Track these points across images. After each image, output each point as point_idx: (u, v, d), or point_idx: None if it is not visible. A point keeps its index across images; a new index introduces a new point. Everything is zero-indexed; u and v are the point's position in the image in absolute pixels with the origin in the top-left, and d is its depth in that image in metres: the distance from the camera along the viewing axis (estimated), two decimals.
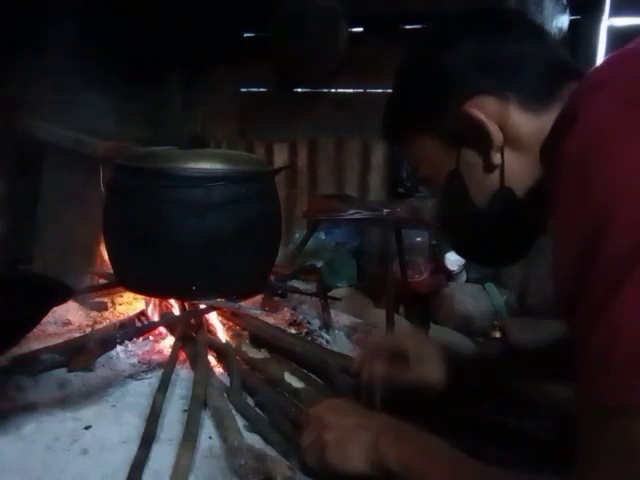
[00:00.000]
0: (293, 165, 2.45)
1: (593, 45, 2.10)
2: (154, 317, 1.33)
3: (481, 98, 0.63)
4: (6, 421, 0.87)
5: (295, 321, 1.39)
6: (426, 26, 0.73)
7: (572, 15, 1.99)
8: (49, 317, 1.20)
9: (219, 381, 1.04)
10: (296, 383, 1.03)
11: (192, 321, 1.26)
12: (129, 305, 1.46)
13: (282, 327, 1.34)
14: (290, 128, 2.49)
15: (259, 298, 1.46)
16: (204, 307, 1.27)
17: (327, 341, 1.33)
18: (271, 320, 1.37)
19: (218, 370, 1.12)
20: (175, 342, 1.18)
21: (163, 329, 1.27)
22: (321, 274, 1.55)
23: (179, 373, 1.08)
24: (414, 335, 0.98)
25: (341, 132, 2.44)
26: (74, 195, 1.60)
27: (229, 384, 1.03)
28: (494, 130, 0.62)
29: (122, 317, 1.35)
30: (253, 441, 0.85)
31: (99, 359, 1.12)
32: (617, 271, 0.45)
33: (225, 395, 0.98)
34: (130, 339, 1.20)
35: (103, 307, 1.43)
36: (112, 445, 0.84)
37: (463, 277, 1.98)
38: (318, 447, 0.73)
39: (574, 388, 0.50)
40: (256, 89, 2.64)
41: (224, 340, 1.25)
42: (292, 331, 1.33)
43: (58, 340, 1.15)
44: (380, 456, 0.67)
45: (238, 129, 2.63)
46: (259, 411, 0.95)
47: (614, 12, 2.06)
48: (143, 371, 1.09)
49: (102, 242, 1.34)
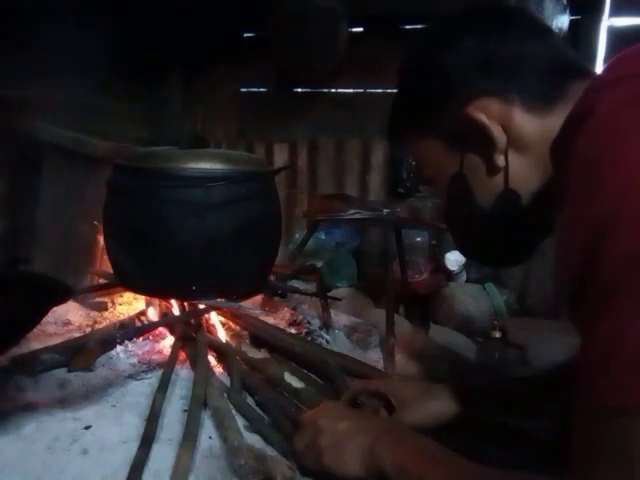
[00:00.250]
0: (293, 165, 2.44)
1: (593, 45, 2.09)
2: (154, 317, 1.33)
3: (483, 100, 0.62)
4: (6, 421, 0.87)
5: (295, 321, 1.39)
6: (427, 26, 0.71)
7: (572, 15, 1.99)
8: (49, 317, 1.20)
9: (219, 381, 1.04)
10: (296, 383, 1.03)
11: (192, 321, 1.26)
12: (129, 305, 1.46)
13: (282, 327, 1.34)
14: (290, 128, 2.49)
15: (259, 298, 1.46)
16: (204, 307, 1.27)
17: (327, 341, 1.33)
18: (271, 320, 1.37)
19: (218, 370, 1.12)
20: (175, 342, 1.18)
21: (163, 329, 1.27)
22: (321, 274, 1.55)
23: (179, 373, 1.08)
24: (396, 381, 0.97)
25: (341, 132, 2.44)
26: (74, 195, 1.60)
27: (229, 384, 1.03)
28: (497, 133, 0.61)
29: (122, 317, 1.35)
30: (253, 441, 0.86)
31: (99, 359, 1.12)
32: (624, 270, 0.45)
33: (225, 395, 0.98)
34: (130, 339, 1.20)
35: (103, 307, 1.43)
36: (112, 445, 0.84)
37: (463, 277, 1.98)
38: (314, 452, 0.73)
39: (574, 387, 0.49)
40: (256, 89, 2.64)
41: (224, 340, 1.25)
42: (292, 331, 1.33)
43: (58, 340, 1.15)
44: (376, 460, 0.67)
45: (238, 129, 2.63)
46: (259, 411, 0.95)
47: (614, 12, 2.05)
48: (143, 371, 1.10)
49: (102, 242, 1.34)
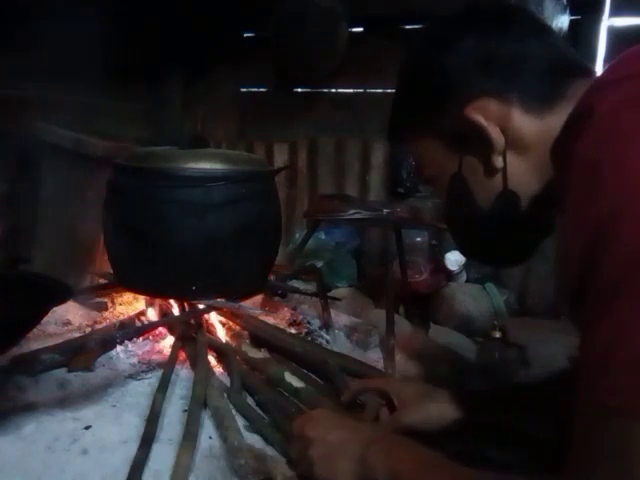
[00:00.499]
0: (293, 165, 2.44)
1: (593, 45, 2.09)
2: (154, 317, 1.33)
3: (482, 101, 0.62)
4: (6, 421, 0.87)
5: (295, 321, 1.39)
6: (427, 25, 0.71)
7: (572, 15, 1.99)
8: (49, 317, 1.19)
9: (219, 381, 1.04)
10: (296, 383, 1.03)
11: (192, 321, 1.26)
12: (129, 305, 1.46)
13: (282, 327, 1.34)
14: (290, 128, 2.49)
15: (259, 298, 1.46)
16: (204, 307, 1.27)
17: (327, 341, 1.33)
18: (271, 320, 1.37)
19: (218, 370, 1.12)
20: (175, 342, 1.18)
21: (163, 329, 1.27)
22: (321, 274, 1.55)
23: (179, 373, 1.08)
24: (398, 381, 0.97)
25: (341, 132, 2.44)
26: (74, 195, 1.60)
27: (229, 384, 1.03)
28: (495, 134, 0.61)
29: (122, 317, 1.35)
30: (253, 441, 0.86)
31: (99, 359, 1.12)
32: (624, 270, 0.44)
33: (225, 395, 0.98)
34: (130, 339, 1.20)
35: (103, 307, 1.43)
36: (112, 445, 0.84)
37: (463, 277, 1.98)
38: (306, 462, 0.72)
39: (574, 387, 0.49)
40: (256, 89, 2.64)
41: (224, 340, 1.25)
42: (292, 331, 1.33)
43: (58, 340, 1.15)
44: (369, 470, 0.67)
45: (238, 129, 2.63)
46: (259, 411, 0.95)
47: (614, 12, 2.05)
48: (143, 371, 1.10)
49: (102, 242, 1.34)
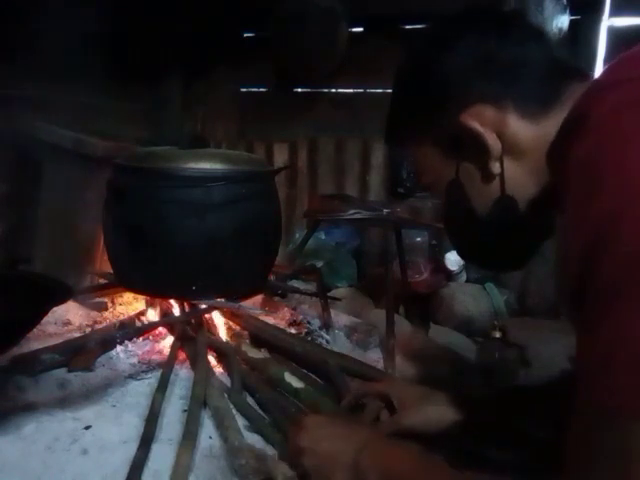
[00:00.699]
0: (293, 165, 2.45)
1: (593, 45, 2.09)
2: (154, 317, 1.33)
3: (478, 107, 0.62)
4: (6, 421, 0.87)
5: (295, 321, 1.39)
6: (425, 28, 0.70)
7: (572, 15, 1.99)
8: (49, 317, 1.19)
9: (219, 381, 1.04)
10: (296, 383, 1.03)
11: (192, 321, 1.26)
12: (129, 305, 1.46)
13: (282, 327, 1.34)
14: (290, 128, 2.49)
15: (259, 298, 1.46)
16: (204, 307, 1.27)
17: (327, 341, 1.33)
18: (271, 320, 1.37)
19: (218, 370, 1.12)
20: (174, 342, 1.18)
21: (163, 329, 1.27)
22: (321, 274, 1.55)
23: (179, 373, 1.08)
24: (398, 383, 0.97)
25: (341, 132, 2.44)
26: (74, 195, 1.60)
27: (229, 384, 1.03)
28: (491, 140, 0.61)
29: (122, 317, 1.35)
30: (253, 441, 0.86)
31: (99, 359, 1.12)
32: (625, 271, 0.44)
33: (225, 395, 0.98)
34: (130, 339, 1.20)
35: (103, 307, 1.43)
36: (112, 445, 0.84)
37: (463, 277, 1.98)
38: (302, 471, 0.73)
39: (574, 388, 0.49)
40: (256, 89, 2.64)
41: (224, 340, 1.25)
42: (292, 331, 1.33)
43: (58, 340, 1.15)
44: (362, 474, 0.67)
45: (238, 129, 2.63)
46: (259, 411, 0.95)
47: (614, 12, 2.05)
48: (143, 371, 1.10)
49: (102, 242, 1.34)
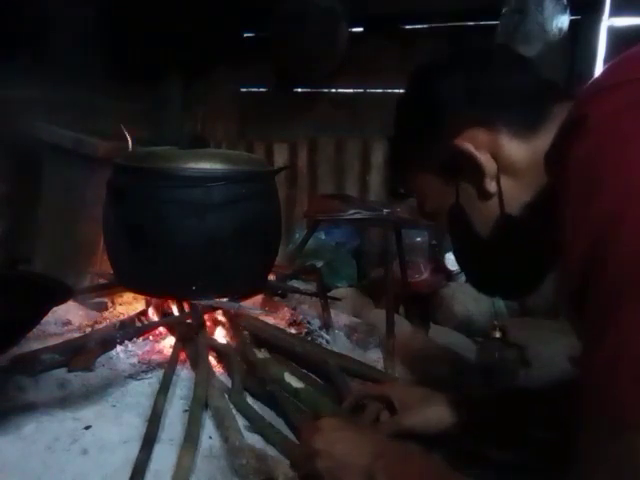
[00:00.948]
0: (293, 165, 2.45)
1: (593, 45, 2.09)
2: (154, 317, 1.33)
3: (472, 131, 0.64)
4: (6, 421, 0.87)
5: (295, 321, 1.39)
6: (417, 67, 0.74)
7: (572, 15, 1.99)
8: (49, 317, 1.19)
9: (220, 381, 1.04)
10: (296, 383, 1.03)
11: (192, 321, 1.26)
12: (129, 305, 1.46)
13: (282, 327, 1.34)
14: (290, 128, 2.49)
15: (259, 298, 1.46)
16: (204, 307, 1.27)
17: (327, 341, 1.33)
18: (271, 320, 1.36)
19: (218, 370, 1.12)
20: (176, 342, 1.18)
21: (163, 329, 1.27)
22: (321, 274, 1.55)
23: (179, 373, 1.08)
24: (399, 385, 0.98)
25: (341, 132, 2.44)
26: (74, 195, 1.60)
27: (229, 384, 1.03)
28: (485, 160, 0.64)
29: (122, 317, 1.35)
30: (254, 441, 0.86)
31: (99, 359, 1.12)
32: (629, 273, 0.44)
33: (226, 395, 0.98)
34: (130, 339, 1.20)
35: (103, 307, 1.43)
36: (112, 445, 0.84)
37: (463, 277, 1.98)
38: (312, 471, 0.73)
39: (578, 396, 0.48)
40: (256, 89, 2.64)
41: (224, 340, 1.24)
42: (292, 331, 1.33)
43: (58, 340, 1.15)
44: None
45: (238, 129, 2.63)
46: (260, 411, 0.95)
47: (614, 12, 2.06)
48: (143, 371, 1.09)
49: (102, 242, 1.34)
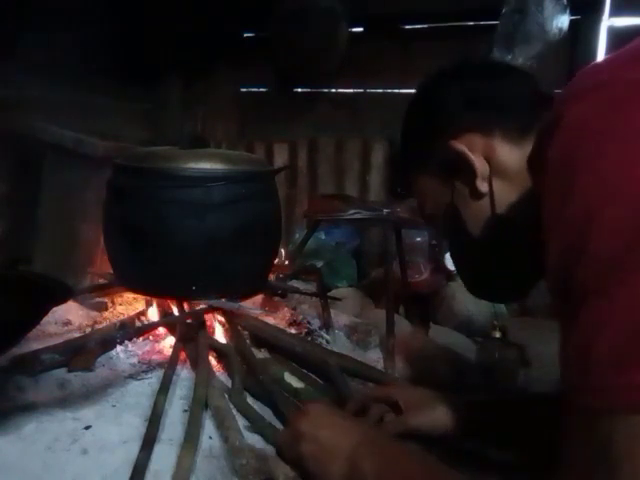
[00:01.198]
0: (293, 165, 2.45)
1: (593, 45, 2.09)
2: (154, 317, 1.33)
3: (469, 135, 0.69)
4: (6, 421, 0.87)
5: (295, 321, 1.39)
6: (420, 81, 0.79)
7: (572, 15, 1.99)
8: (49, 317, 1.19)
9: (220, 381, 1.04)
10: (296, 383, 1.03)
11: (192, 321, 1.26)
12: (129, 305, 1.46)
13: (282, 327, 1.34)
14: (290, 128, 2.49)
15: (259, 298, 1.46)
16: (204, 307, 1.27)
17: (327, 341, 1.33)
18: (271, 320, 1.36)
19: (218, 370, 1.12)
20: (176, 342, 1.18)
21: (163, 329, 1.27)
22: (321, 274, 1.55)
23: (179, 373, 1.08)
24: (404, 386, 0.98)
25: (341, 132, 2.44)
26: (74, 195, 1.60)
27: (229, 384, 1.03)
28: (478, 161, 0.68)
29: (122, 317, 1.35)
30: (254, 441, 0.86)
31: (99, 359, 1.12)
32: (601, 271, 0.45)
33: (226, 395, 0.98)
34: (130, 339, 1.20)
35: (103, 307, 1.43)
36: (112, 445, 0.84)
37: None
38: (295, 455, 0.74)
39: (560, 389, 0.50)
40: (256, 89, 2.64)
41: (224, 340, 1.24)
42: (292, 331, 1.33)
43: (58, 340, 1.15)
44: (357, 471, 0.68)
45: (238, 129, 2.63)
46: (260, 411, 0.95)
47: (614, 12, 2.05)
48: (143, 371, 1.10)
49: (102, 242, 1.34)
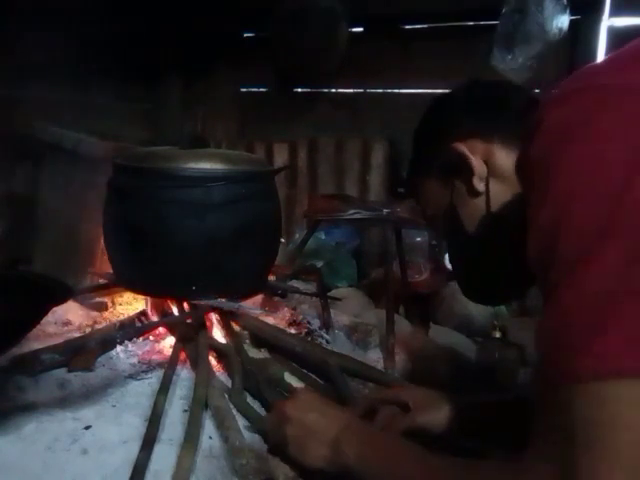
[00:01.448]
0: (293, 165, 2.44)
1: (593, 45, 2.09)
2: (154, 317, 1.33)
3: (470, 140, 0.72)
4: (6, 421, 0.87)
5: (295, 321, 1.39)
6: (435, 99, 0.83)
7: (572, 15, 1.99)
8: (49, 317, 1.19)
9: (220, 381, 1.04)
10: (296, 383, 1.03)
11: (192, 321, 1.26)
12: (129, 305, 1.46)
13: (282, 327, 1.34)
14: (290, 128, 2.49)
15: (259, 298, 1.46)
16: (204, 307, 1.27)
17: (327, 341, 1.33)
18: (271, 320, 1.36)
19: (218, 370, 1.12)
20: (176, 342, 1.18)
21: (163, 329, 1.27)
22: (321, 274, 1.55)
23: (179, 373, 1.08)
24: (411, 387, 1.00)
25: (341, 132, 2.44)
26: (74, 195, 1.60)
27: (229, 384, 1.03)
28: (476, 161, 0.71)
29: (122, 317, 1.35)
30: (254, 441, 0.86)
31: (99, 359, 1.12)
32: (564, 267, 0.50)
33: (226, 395, 0.98)
34: (130, 339, 1.20)
35: (103, 307, 1.43)
36: (112, 445, 0.84)
37: None
38: (280, 438, 0.78)
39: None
40: (256, 89, 2.64)
41: (224, 340, 1.24)
42: (292, 331, 1.33)
43: (58, 340, 1.15)
44: (340, 456, 0.70)
45: (238, 129, 2.63)
46: (260, 411, 0.95)
47: (614, 12, 2.05)
48: (143, 371, 1.10)
49: (102, 242, 1.34)
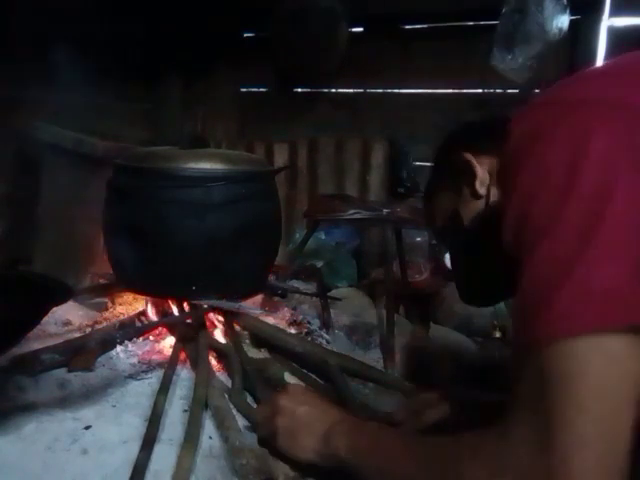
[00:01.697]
0: (293, 165, 2.44)
1: (593, 45, 2.09)
2: (154, 317, 1.33)
3: (479, 156, 0.78)
4: (6, 421, 0.87)
5: (295, 321, 1.39)
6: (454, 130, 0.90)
7: (572, 15, 1.99)
8: (49, 317, 1.19)
9: (220, 381, 1.04)
10: (296, 383, 1.03)
11: (192, 321, 1.26)
12: (129, 305, 1.46)
13: (282, 327, 1.34)
14: (290, 128, 2.49)
15: (259, 298, 1.46)
16: (204, 307, 1.27)
17: (327, 341, 1.33)
18: (271, 320, 1.36)
19: (218, 370, 1.12)
20: (176, 342, 1.18)
21: (163, 329, 1.27)
22: (321, 274, 1.55)
23: (179, 373, 1.09)
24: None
25: (341, 132, 2.44)
26: (74, 195, 1.60)
27: (229, 384, 1.03)
28: (480, 170, 0.77)
29: (122, 317, 1.35)
30: (254, 441, 0.86)
31: (99, 359, 1.12)
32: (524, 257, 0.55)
33: (226, 395, 0.98)
34: (130, 339, 1.20)
35: (103, 307, 1.43)
36: (112, 445, 0.84)
37: None
38: (270, 429, 0.79)
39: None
40: (256, 89, 2.64)
41: (224, 340, 1.24)
42: (292, 331, 1.33)
43: (58, 340, 1.15)
44: (330, 448, 0.71)
45: (238, 129, 2.63)
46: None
47: (614, 12, 2.05)
48: (143, 371, 1.10)
49: (102, 242, 1.34)
